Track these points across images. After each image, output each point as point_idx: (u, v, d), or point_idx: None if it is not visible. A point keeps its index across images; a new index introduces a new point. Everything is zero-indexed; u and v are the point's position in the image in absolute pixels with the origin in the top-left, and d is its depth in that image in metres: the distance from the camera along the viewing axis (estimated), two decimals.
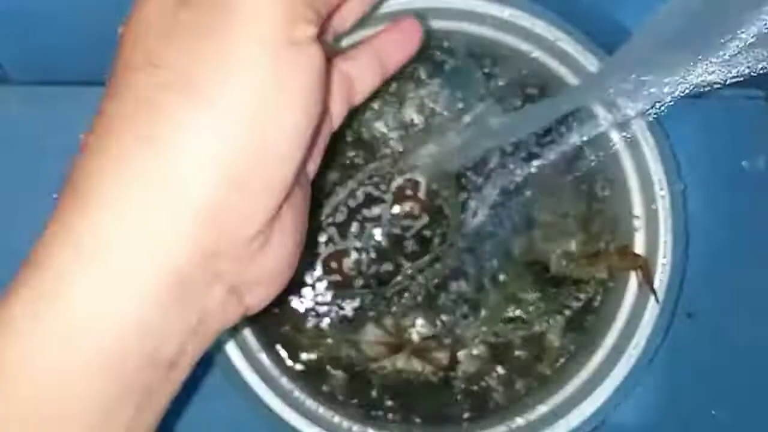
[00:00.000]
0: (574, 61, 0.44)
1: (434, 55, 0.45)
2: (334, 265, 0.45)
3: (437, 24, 0.44)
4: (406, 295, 0.45)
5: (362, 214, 0.45)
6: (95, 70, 0.50)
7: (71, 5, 0.47)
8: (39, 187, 0.49)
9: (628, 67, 0.33)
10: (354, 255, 0.45)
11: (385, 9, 0.43)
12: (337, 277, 0.45)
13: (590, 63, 0.44)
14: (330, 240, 0.45)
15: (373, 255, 0.44)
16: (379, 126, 0.46)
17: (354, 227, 0.45)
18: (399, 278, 0.44)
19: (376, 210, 0.45)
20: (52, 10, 0.47)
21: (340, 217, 0.45)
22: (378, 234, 0.44)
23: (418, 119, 0.46)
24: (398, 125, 0.46)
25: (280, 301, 0.45)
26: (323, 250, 0.45)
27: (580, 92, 0.43)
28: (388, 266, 0.44)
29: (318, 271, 0.45)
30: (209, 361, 0.44)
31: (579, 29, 0.44)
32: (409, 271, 0.44)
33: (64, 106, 0.49)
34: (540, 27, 0.44)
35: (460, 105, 0.46)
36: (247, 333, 0.43)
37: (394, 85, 0.46)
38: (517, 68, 0.45)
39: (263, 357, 0.43)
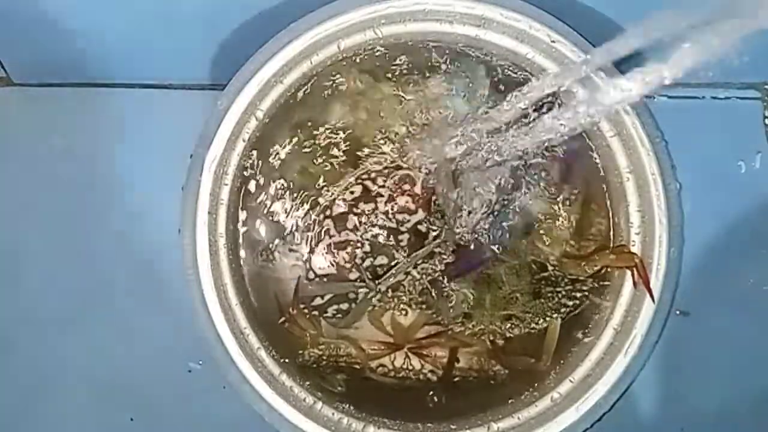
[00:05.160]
0: (570, 61, 0.44)
1: (432, 55, 0.46)
2: (329, 258, 0.45)
3: (435, 26, 0.45)
4: (402, 291, 0.45)
5: (359, 207, 0.45)
6: (96, 71, 0.51)
7: (72, 8, 0.47)
8: (40, 186, 0.49)
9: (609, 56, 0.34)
10: (349, 248, 0.45)
11: (386, 10, 0.44)
12: (332, 270, 0.45)
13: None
14: (326, 233, 0.45)
15: (367, 248, 0.45)
16: (378, 123, 0.46)
17: (350, 221, 0.45)
18: (393, 271, 0.45)
19: (372, 204, 0.45)
20: (54, 12, 0.47)
21: (336, 211, 0.45)
22: (374, 228, 0.45)
23: (416, 117, 0.46)
24: (397, 123, 0.46)
25: (281, 299, 0.46)
26: (319, 244, 0.45)
27: (559, 75, 0.43)
28: (382, 259, 0.45)
29: (314, 264, 0.45)
30: (209, 359, 0.44)
31: (575, 30, 0.44)
32: (404, 265, 0.45)
33: (66, 108, 0.49)
34: (536, 29, 0.44)
35: (458, 104, 0.46)
36: (248, 331, 0.43)
37: (393, 86, 0.46)
38: (513, 69, 0.46)
39: (263, 354, 0.44)
